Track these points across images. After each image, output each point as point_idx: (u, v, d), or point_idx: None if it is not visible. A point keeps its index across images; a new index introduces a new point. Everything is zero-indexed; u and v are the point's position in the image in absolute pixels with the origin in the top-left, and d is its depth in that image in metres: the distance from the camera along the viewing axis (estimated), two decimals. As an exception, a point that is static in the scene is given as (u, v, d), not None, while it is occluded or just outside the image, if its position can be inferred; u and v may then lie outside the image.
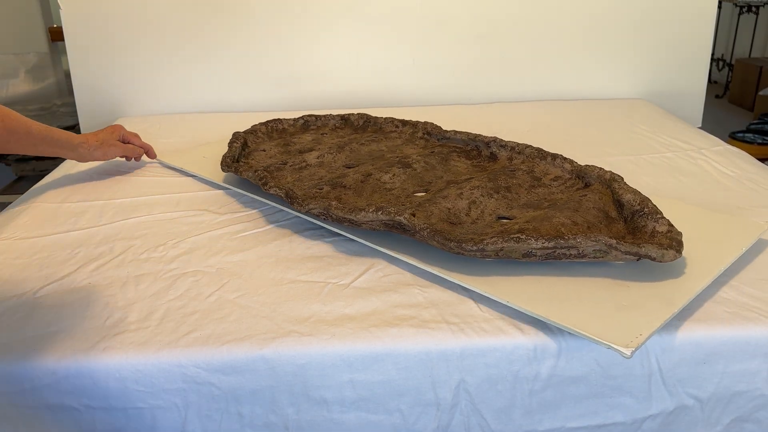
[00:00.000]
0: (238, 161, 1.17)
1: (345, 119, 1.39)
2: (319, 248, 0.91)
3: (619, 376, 0.71)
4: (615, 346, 0.63)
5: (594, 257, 0.76)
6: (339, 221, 0.90)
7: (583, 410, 0.72)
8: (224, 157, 1.15)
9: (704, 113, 1.91)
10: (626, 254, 0.75)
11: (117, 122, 1.70)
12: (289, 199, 0.96)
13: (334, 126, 1.38)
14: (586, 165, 1.00)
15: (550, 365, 0.70)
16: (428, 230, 0.81)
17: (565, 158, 1.03)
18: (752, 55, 4.55)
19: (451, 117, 1.49)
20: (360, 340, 0.70)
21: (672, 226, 0.79)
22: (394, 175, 1.04)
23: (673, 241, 0.75)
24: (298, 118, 1.40)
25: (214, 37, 1.76)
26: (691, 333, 0.71)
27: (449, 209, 0.90)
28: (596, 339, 0.65)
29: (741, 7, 4.56)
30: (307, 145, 1.26)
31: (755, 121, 3.15)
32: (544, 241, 0.75)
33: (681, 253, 0.75)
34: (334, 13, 1.77)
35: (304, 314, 0.75)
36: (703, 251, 0.80)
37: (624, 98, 1.84)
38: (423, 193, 0.98)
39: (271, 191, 0.99)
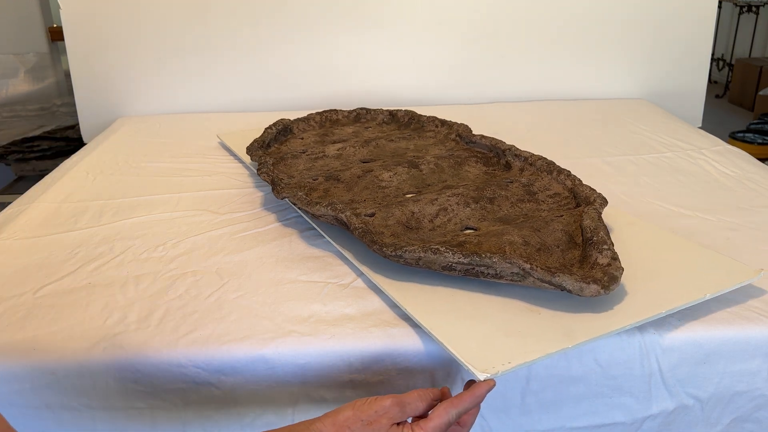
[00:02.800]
0: (269, 146, 1.22)
1: (392, 115, 1.40)
2: (319, 248, 0.91)
3: (619, 376, 0.71)
4: (473, 370, 0.60)
5: (512, 280, 0.73)
6: (304, 213, 0.93)
7: (583, 410, 0.72)
8: (253, 141, 1.21)
9: (704, 113, 1.91)
10: (541, 282, 0.70)
11: (117, 122, 1.70)
12: (273, 185, 1.00)
13: (382, 121, 1.39)
14: (584, 184, 0.94)
15: (550, 365, 0.70)
16: (360, 230, 0.82)
17: (570, 175, 0.98)
18: (752, 55, 4.55)
19: (451, 117, 1.48)
20: (360, 340, 0.70)
21: (615, 259, 0.72)
22: (395, 174, 1.04)
23: (604, 275, 0.69)
24: (353, 111, 1.43)
25: (215, 37, 1.76)
26: (691, 333, 0.71)
27: (413, 213, 0.90)
28: (459, 358, 0.63)
29: (741, 7, 4.56)
30: (342, 137, 1.29)
31: (755, 121, 3.15)
32: (460, 256, 0.73)
33: (610, 289, 0.68)
34: (335, 13, 1.77)
35: (304, 314, 0.75)
36: (661, 291, 0.72)
37: (624, 98, 1.84)
38: (412, 195, 0.98)
39: (261, 176, 1.03)
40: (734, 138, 2.90)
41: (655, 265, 0.78)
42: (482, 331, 0.67)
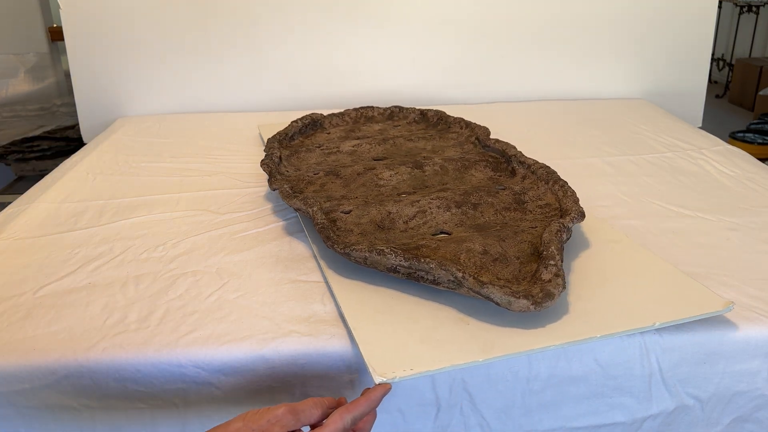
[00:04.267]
0: (293, 139, 1.28)
1: (423, 114, 1.40)
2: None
3: (619, 376, 0.71)
4: (372, 372, 0.61)
5: (448, 287, 0.72)
6: (289, 206, 0.97)
7: (583, 410, 0.72)
8: (276, 133, 1.25)
9: (704, 113, 1.91)
10: (472, 292, 0.70)
11: (117, 122, 1.70)
12: (269, 176, 1.04)
13: (413, 120, 1.40)
14: (571, 197, 0.90)
15: (550, 365, 0.70)
16: (320, 225, 0.85)
17: (565, 186, 0.94)
18: (752, 55, 4.55)
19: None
20: (360, 340, 0.70)
21: (558, 276, 0.70)
22: (396, 173, 1.05)
23: (541, 291, 0.67)
24: (388, 108, 1.44)
25: (215, 37, 1.76)
26: (691, 333, 0.71)
27: (389, 213, 0.90)
28: (365, 359, 0.63)
29: (741, 7, 4.56)
30: (367, 134, 1.30)
31: (755, 121, 3.15)
32: (402, 259, 0.74)
33: (543, 306, 0.66)
34: (335, 13, 1.77)
35: (304, 314, 0.75)
36: (608, 314, 0.70)
37: (624, 98, 1.84)
38: (405, 195, 0.98)
39: (262, 167, 1.08)
40: (734, 138, 2.90)
41: (620, 286, 0.75)
42: (401, 335, 0.67)
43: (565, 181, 0.96)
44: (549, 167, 1.01)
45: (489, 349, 0.64)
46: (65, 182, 1.22)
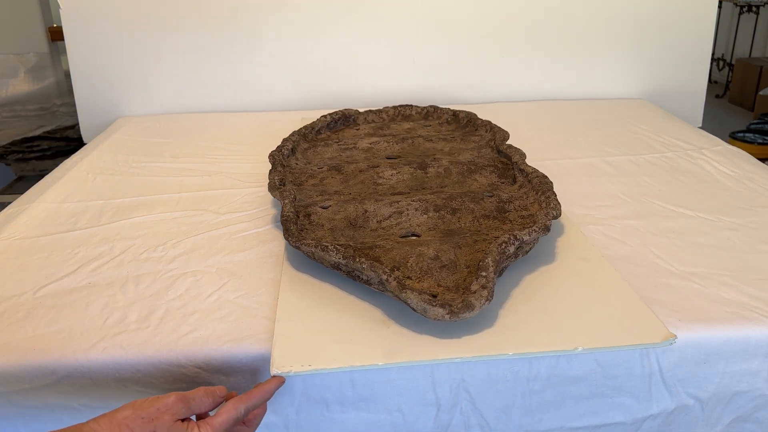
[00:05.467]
0: (320, 133, 1.32)
1: (455, 115, 1.40)
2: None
3: (619, 376, 0.71)
4: (271, 365, 0.64)
5: (378, 288, 0.73)
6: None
7: (583, 410, 0.72)
8: (302, 127, 1.29)
9: (704, 113, 1.91)
10: (394, 295, 0.70)
11: (117, 122, 1.70)
12: (272, 166, 1.09)
13: (445, 120, 1.40)
14: (552, 210, 0.87)
15: (551, 365, 0.70)
16: (284, 218, 0.88)
17: (550, 198, 0.91)
18: (752, 55, 4.55)
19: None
20: (360, 340, 0.70)
21: (484, 288, 0.69)
22: (398, 173, 1.05)
23: (462, 302, 0.66)
24: (424, 107, 1.44)
25: (215, 37, 1.76)
26: (691, 333, 0.71)
27: (366, 212, 0.91)
28: (271, 351, 0.66)
29: (741, 7, 4.56)
30: (393, 132, 1.31)
31: (755, 121, 3.15)
32: (340, 257, 0.76)
33: (460, 316, 0.66)
34: (334, 13, 1.77)
35: (304, 314, 0.75)
36: (533, 333, 0.69)
37: (624, 98, 1.84)
38: (400, 195, 0.98)
39: (269, 158, 1.12)
40: (734, 138, 2.90)
41: (563, 306, 0.73)
42: (319, 331, 0.69)
43: (554, 194, 0.92)
44: (546, 177, 0.98)
45: (393, 354, 0.65)
46: (65, 182, 1.22)
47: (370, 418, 0.71)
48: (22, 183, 2.15)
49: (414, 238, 0.86)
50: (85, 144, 1.67)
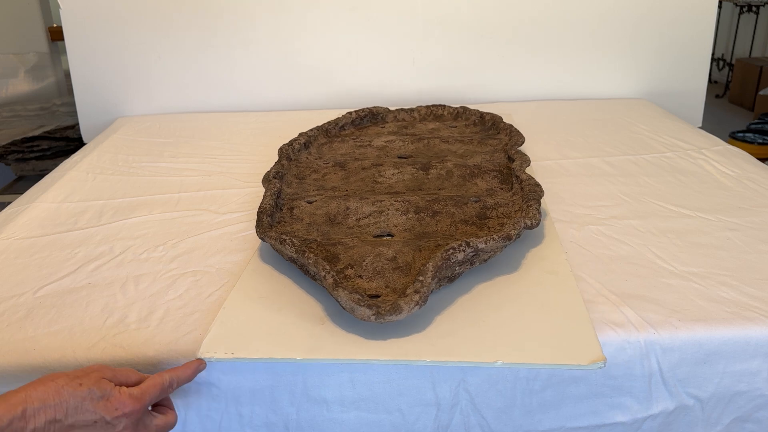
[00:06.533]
0: (343, 129, 1.34)
1: (482, 117, 1.39)
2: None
3: (619, 376, 0.71)
4: (200, 349, 0.67)
5: (321, 284, 0.73)
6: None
7: (583, 410, 0.72)
8: (327, 122, 1.31)
9: (704, 113, 1.90)
10: (329, 292, 0.71)
11: (117, 122, 1.70)
12: (278, 159, 1.12)
13: (473, 122, 1.39)
14: (524, 221, 0.84)
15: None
16: (259, 210, 0.90)
17: (533, 208, 0.87)
18: (752, 55, 4.55)
19: (451, 117, 1.49)
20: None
21: (417, 293, 0.68)
22: (400, 172, 1.06)
23: (391, 304, 0.66)
24: (457, 108, 1.45)
25: (214, 37, 1.76)
26: (691, 333, 0.70)
27: (347, 209, 0.92)
28: (207, 337, 0.69)
29: (741, 7, 4.56)
30: (416, 131, 1.32)
31: (755, 121, 3.15)
32: (293, 252, 0.77)
33: (386, 318, 0.65)
34: (335, 13, 1.77)
35: (304, 314, 0.75)
36: (458, 342, 0.67)
37: (624, 98, 1.83)
38: (389, 195, 0.99)
39: (278, 152, 1.15)
40: (734, 138, 2.90)
41: (502, 318, 0.72)
42: (257, 322, 0.72)
43: (538, 203, 0.90)
44: (538, 186, 0.95)
45: (314, 350, 0.67)
46: (65, 182, 1.22)
47: (370, 418, 0.71)
48: (22, 183, 2.15)
49: (387, 238, 0.86)
50: (85, 144, 1.67)
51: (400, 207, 0.92)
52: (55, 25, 2.78)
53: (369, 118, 1.38)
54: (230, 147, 1.42)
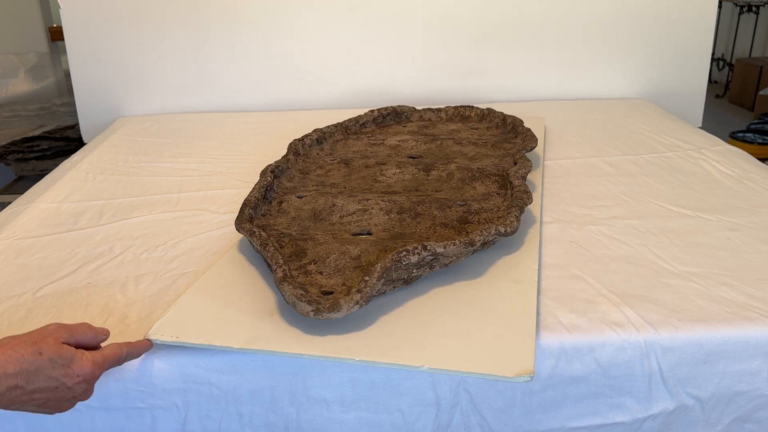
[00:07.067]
0: (364, 126, 1.35)
1: (503, 119, 1.38)
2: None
3: (619, 376, 0.71)
4: (152, 330, 0.69)
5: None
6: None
7: (583, 410, 0.72)
8: (349, 119, 1.32)
9: (704, 113, 1.91)
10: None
11: (117, 122, 1.70)
12: (286, 152, 1.14)
13: (496, 124, 1.39)
14: (499, 227, 0.82)
15: (550, 365, 0.70)
16: (243, 203, 0.91)
17: (513, 215, 0.85)
18: (752, 55, 4.55)
19: (451, 117, 1.48)
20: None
21: (359, 292, 0.68)
22: (401, 172, 1.06)
23: (330, 302, 0.66)
24: (483, 109, 1.44)
25: (214, 37, 1.76)
26: (691, 333, 0.71)
27: (333, 205, 0.93)
28: (162, 318, 0.71)
29: (741, 7, 4.56)
30: (435, 132, 1.32)
31: (755, 121, 3.15)
32: (258, 244, 0.79)
33: (323, 315, 0.65)
34: (334, 13, 1.77)
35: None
36: (395, 344, 0.67)
37: (624, 98, 1.84)
38: (390, 195, 0.99)
39: (288, 146, 1.16)
40: (734, 138, 2.90)
41: (447, 323, 0.70)
42: (211, 310, 0.73)
43: (519, 211, 0.87)
44: (527, 193, 0.93)
45: (252, 341, 0.67)
46: (65, 182, 1.22)
47: (370, 418, 0.71)
48: (22, 183, 2.15)
49: (365, 236, 0.87)
50: (85, 144, 1.67)
51: (384, 206, 0.92)
52: (55, 25, 2.78)
53: (392, 117, 1.38)
54: (230, 147, 1.42)
